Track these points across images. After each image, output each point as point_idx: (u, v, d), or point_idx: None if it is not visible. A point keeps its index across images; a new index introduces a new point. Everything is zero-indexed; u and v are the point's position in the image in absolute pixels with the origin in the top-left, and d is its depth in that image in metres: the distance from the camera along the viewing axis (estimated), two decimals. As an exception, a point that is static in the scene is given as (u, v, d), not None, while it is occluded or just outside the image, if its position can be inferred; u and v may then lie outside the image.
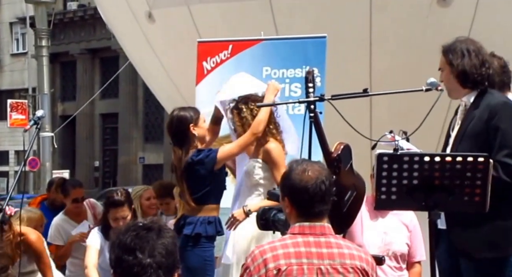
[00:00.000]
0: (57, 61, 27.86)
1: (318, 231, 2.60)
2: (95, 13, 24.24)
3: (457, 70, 3.38)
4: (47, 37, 15.28)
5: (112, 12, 7.07)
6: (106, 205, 4.58)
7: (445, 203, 3.04)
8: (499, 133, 3.28)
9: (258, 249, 2.61)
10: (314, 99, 3.46)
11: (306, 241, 2.58)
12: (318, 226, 2.60)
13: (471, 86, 3.39)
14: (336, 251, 2.58)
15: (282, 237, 2.68)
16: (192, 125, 4.18)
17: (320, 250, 2.57)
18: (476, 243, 3.31)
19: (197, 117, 4.19)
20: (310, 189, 2.59)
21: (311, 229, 2.59)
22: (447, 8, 5.25)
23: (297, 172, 2.62)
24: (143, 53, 6.72)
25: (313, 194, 2.59)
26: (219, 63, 5.16)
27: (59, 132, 20.77)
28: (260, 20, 5.58)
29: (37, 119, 3.86)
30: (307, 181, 2.59)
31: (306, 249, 2.57)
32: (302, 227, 2.60)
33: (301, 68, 4.89)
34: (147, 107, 26.35)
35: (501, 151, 3.25)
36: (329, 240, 2.60)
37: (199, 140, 4.20)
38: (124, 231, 2.17)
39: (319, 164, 2.71)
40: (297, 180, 2.61)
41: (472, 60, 3.38)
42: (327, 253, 2.57)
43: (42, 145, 14.61)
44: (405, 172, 3.01)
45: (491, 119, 3.30)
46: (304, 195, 2.59)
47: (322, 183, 2.60)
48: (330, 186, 2.63)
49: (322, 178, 2.60)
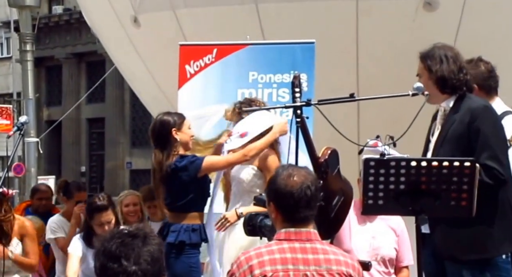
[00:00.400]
0: (42, 66, 27.72)
1: (304, 237, 2.59)
2: (80, 17, 24.11)
3: (436, 76, 3.42)
4: (31, 41, 15.18)
5: (97, 16, 7.04)
6: (89, 211, 4.54)
7: (432, 207, 3.05)
8: (480, 136, 3.31)
9: (244, 255, 2.60)
10: (301, 104, 3.46)
11: (292, 247, 2.58)
12: (304, 232, 2.60)
13: (450, 92, 3.43)
14: (322, 257, 2.58)
15: (268, 243, 2.67)
16: (174, 129, 4.16)
17: (306, 256, 2.57)
18: (461, 245, 3.33)
19: (180, 122, 4.18)
20: (295, 194, 2.58)
21: (296, 235, 2.59)
22: (433, 13, 5.28)
23: (282, 177, 2.62)
24: (129, 57, 6.69)
25: (298, 199, 2.58)
26: (203, 67, 5.14)
27: (44, 137, 20.64)
28: (247, 25, 5.58)
29: (20, 125, 3.85)
30: (292, 186, 2.59)
31: (292, 255, 2.56)
32: (288, 233, 2.60)
33: (289, 73, 4.89)
34: (134, 111, 26.27)
35: (483, 153, 3.28)
36: (315, 246, 2.60)
37: (182, 145, 4.17)
38: (109, 238, 2.15)
39: (306, 169, 2.71)
40: (282, 185, 2.61)
41: (450, 66, 3.42)
42: (313, 259, 2.57)
43: (27, 150, 14.49)
44: (392, 177, 3.02)
45: (472, 122, 3.33)
46: (289, 200, 2.59)
47: (307, 188, 2.59)
48: (316, 191, 2.62)
49: (307, 183, 2.60)
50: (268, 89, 5.00)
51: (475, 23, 5.33)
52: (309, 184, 2.60)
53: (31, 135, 14.31)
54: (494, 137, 3.34)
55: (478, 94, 3.78)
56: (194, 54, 5.19)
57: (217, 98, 5.12)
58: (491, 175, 3.26)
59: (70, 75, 27.43)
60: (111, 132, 26.48)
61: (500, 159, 3.32)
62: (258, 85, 5.04)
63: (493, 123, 3.37)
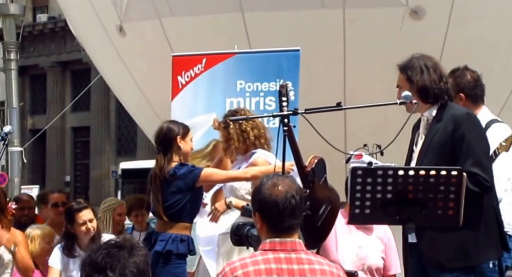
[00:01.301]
0: (27, 74, 27.56)
1: (289, 247, 2.59)
2: (65, 25, 24.01)
3: (418, 86, 3.43)
4: (16, 50, 15.06)
5: (82, 25, 7.00)
6: (68, 214, 4.46)
7: (419, 216, 3.04)
8: (464, 143, 3.32)
9: (229, 266, 2.59)
10: (288, 113, 3.45)
11: (277, 257, 2.57)
12: (288, 242, 2.59)
13: (432, 101, 3.44)
14: (307, 267, 2.57)
15: (253, 253, 2.66)
16: (179, 137, 4.20)
17: (291, 267, 2.56)
18: (447, 253, 3.33)
19: (185, 132, 4.24)
20: (279, 204, 2.58)
21: (281, 245, 2.59)
22: (420, 21, 5.30)
23: (267, 186, 2.62)
24: (114, 66, 6.66)
25: (282, 209, 2.58)
26: (193, 77, 5.15)
27: (28, 147, 20.49)
28: (233, 33, 5.58)
29: (4, 135, 3.82)
30: (277, 196, 2.59)
31: (277, 265, 2.55)
32: (273, 243, 2.59)
33: (275, 82, 4.89)
34: (119, 120, 26.17)
35: (467, 160, 3.29)
36: (300, 256, 2.59)
37: (183, 155, 4.21)
38: (96, 249, 2.14)
39: (290, 178, 2.71)
40: (266, 194, 2.60)
41: (431, 76, 3.43)
42: (298, 269, 2.56)
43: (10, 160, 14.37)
44: (379, 186, 3.01)
45: (456, 129, 3.35)
46: (273, 210, 2.58)
47: (292, 198, 2.59)
48: (300, 200, 2.62)
49: (292, 193, 2.60)
50: (256, 97, 5.00)
51: (461, 31, 5.36)
52: (294, 193, 2.60)
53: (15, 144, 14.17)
54: (478, 144, 3.35)
55: (465, 103, 3.80)
56: (185, 65, 5.20)
57: (206, 107, 5.12)
58: (476, 181, 3.27)
59: (55, 83, 27.30)
60: (96, 141, 26.35)
61: (485, 166, 3.33)
62: (246, 94, 5.04)
63: (476, 130, 3.38)
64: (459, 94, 3.77)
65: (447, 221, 3.07)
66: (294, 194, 2.60)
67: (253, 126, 4.22)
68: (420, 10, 5.29)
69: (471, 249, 3.32)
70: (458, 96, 3.80)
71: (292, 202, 2.58)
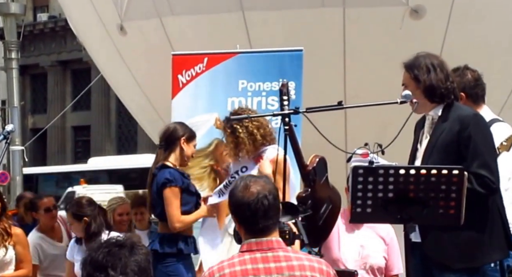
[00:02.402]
0: (27, 74, 27.59)
1: (265, 246, 2.59)
2: (66, 25, 24.05)
3: (424, 85, 3.41)
4: (16, 49, 15.09)
5: (82, 24, 7.00)
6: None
7: (420, 216, 3.04)
8: (471, 144, 3.31)
9: (208, 271, 2.62)
10: (289, 112, 3.45)
11: (253, 257, 2.57)
12: (264, 241, 2.59)
13: (439, 100, 3.43)
14: (285, 264, 2.57)
15: (231, 256, 2.67)
16: (184, 139, 4.24)
17: (268, 265, 2.56)
18: (451, 254, 3.33)
19: (191, 136, 4.29)
20: (251, 205, 2.58)
21: (257, 245, 2.59)
22: (420, 20, 5.30)
23: (239, 189, 2.62)
24: (115, 65, 6.66)
25: (255, 210, 2.58)
26: (194, 76, 5.14)
27: (29, 146, 20.51)
28: (233, 33, 5.58)
29: (6, 133, 3.82)
30: (249, 197, 2.59)
31: (253, 265, 2.56)
32: (249, 244, 2.60)
33: (278, 81, 4.89)
34: (120, 119, 26.20)
35: (474, 162, 3.28)
36: (277, 254, 2.59)
37: (181, 158, 4.25)
38: (96, 248, 2.14)
39: (264, 179, 2.70)
40: (239, 196, 2.61)
41: (438, 75, 3.42)
42: (275, 267, 2.56)
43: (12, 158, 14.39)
44: (380, 185, 3.01)
45: (463, 130, 3.33)
46: (246, 212, 2.59)
47: (264, 198, 2.58)
48: (274, 200, 2.61)
49: (264, 193, 2.59)
50: (258, 97, 5.00)
51: (461, 30, 5.36)
52: (266, 193, 2.59)
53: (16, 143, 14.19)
54: (484, 145, 3.34)
55: (466, 102, 3.79)
56: (185, 63, 5.20)
57: (207, 107, 5.12)
58: (483, 183, 3.26)
59: (55, 82, 27.32)
60: (97, 140, 26.38)
61: (491, 167, 3.32)
62: (248, 93, 5.04)
63: (483, 132, 3.37)
64: (460, 94, 3.77)
65: (448, 220, 3.07)
66: (267, 194, 2.59)
67: (258, 126, 4.22)
68: (421, 9, 5.29)
69: (475, 250, 3.31)
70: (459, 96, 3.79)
71: (265, 203, 2.58)
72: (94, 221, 4.54)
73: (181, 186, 4.15)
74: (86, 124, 26.77)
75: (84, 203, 4.64)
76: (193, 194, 4.26)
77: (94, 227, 4.52)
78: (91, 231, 4.52)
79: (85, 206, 4.60)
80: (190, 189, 4.24)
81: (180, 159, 4.24)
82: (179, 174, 4.19)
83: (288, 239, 3.04)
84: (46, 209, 5.35)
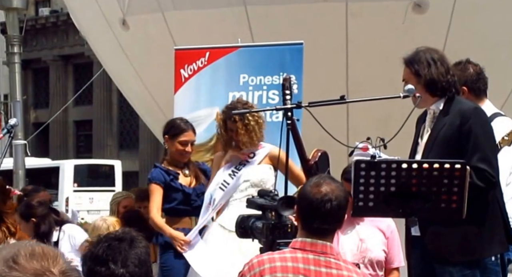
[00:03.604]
0: (29, 68, 27.55)
1: (319, 249, 2.58)
2: (68, 19, 24.03)
3: (425, 80, 3.41)
4: (19, 43, 15.06)
5: (85, 18, 7.00)
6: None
7: (422, 210, 3.04)
8: (471, 138, 3.31)
9: (257, 259, 2.61)
10: (291, 106, 3.45)
11: (306, 258, 2.57)
12: (320, 244, 2.59)
13: (440, 94, 3.43)
14: (335, 272, 2.57)
15: (282, 250, 2.68)
16: (166, 136, 4.26)
17: (319, 269, 2.56)
18: (451, 247, 3.33)
19: (174, 134, 4.25)
20: (313, 203, 2.58)
21: (312, 246, 2.58)
22: (423, 15, 5.29)
23: (311, 184, 2.64)
24: (117, 59, 6.66)
25: (316, 209, 2.58)
26: (196, 70, 5.14)
27: (32, 140, 20.51)
28: (236, 27, 5.57)
29: (10, 127, 3.82)
30: (314, 194, 2.60)
31: (305, 265, 2.56)
32: (303, 242, 2.60)
33: (278, 75, 4.88)
34: (121, 113, 26.17)
35: (474, 156, 3.29)
36: (329, 260, 2.58)
37: (171, 156, 4.29)
38: (96, 243, 2.16)
39: (339, 184, 2.69)
40: (307, 190, 2.63)
41: (438, 68, 3.41)
42: (326, 273, 2.56)
43: (14, 153, 14.39)
44: (383, 179, 3.01)
45: (463, 124, 3.33)
46: (307, 207, 2.60)
47: (328, 201, 2.58)
48: (338, 207, 2.58)
49: (330, 197, 2.58)
50: (259, 91, 4.99)
51: (464, 25, 5.35)
52: (332, 198, 2.58)
53: (19, 137, 14.19)
54: (485, 139, 3.34)
55: (468, 96, 3.79)
56: (187, 58, 5.18)
57: (209, 101, 5.11)
58: (482, 177, 3.26)
59: (57, 77, 27.29)
60: (99, 134, 26.37)
61: (491, 161, 3.33)
62: (249, 87, 5.03)
63: (483, 125, 3.37)
64: (462, 88, 3.77)
65: (450, 214, 3.08)
66: (333, 198, 2.58)
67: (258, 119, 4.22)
68: (424, 3, 5.28)
69: (475, 243, 3.32)
70: (461, 90, 3.79)
71: (327, 206, 2.57)
72: (43, 222, 4.52)
73: (160, 183, 4.22)
74: (88, 118, 26.76)
75: (34, 204, 4.65)
76: (178, 190, 4.26)
77: (44, 228, 4.52)
78: (41, 232, 4.52)
79: (34, 207, 4.61)
80: (173, 185, 4.25)
81: (170, 156, 4.29)
82: (161, 172, 4.27)
83: (290, 233, 3.05)
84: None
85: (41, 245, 1.32)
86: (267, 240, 3.08)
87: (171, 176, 4.26)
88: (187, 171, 4.33)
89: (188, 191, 4.27)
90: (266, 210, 3.17)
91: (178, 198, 4.25)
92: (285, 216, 3.11)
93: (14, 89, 14.89)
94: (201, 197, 4.28)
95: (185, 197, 4.26)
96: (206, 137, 4.93)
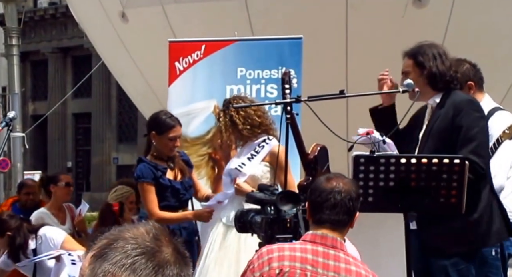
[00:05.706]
0: (28, 60, 27.48)
1: (329, 242, 2.60)
2: (66, 11, 23.96)
3: (430, 72, 3.41)
4: (17, 35, 15.04)
5: (84, 11, 6.97)
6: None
7: (421, 204, 3.05)
8: (463, 130, 3.32)
9: (266, 248, 2.64)
10: (291, 100, 3.44)
11: (315, 249, 2.59)
12: (330, 237, 2.61)
13: (442, 88, 3.42)
14: (343, 266, 2.58)
15: (293, 242, 2.72)
16: (153, 133, 4.21)
17: (327, 262, 2.58)
18: (447, 239, 3.34)
19: (161, 131, 4.18)
20: (323, 193, 2.62)
21: (322, 239, 2.61)
22: (423, 9, 5.27)
23: (323, 177, 2.71)
24: (116, 52, 6.64)
25: (325, 199, 2.61)
26: (191, 63, 5.10)
27: (30, 133, 20.49)
28: (236, 21, 5.55)
29: (8, 120, 3.81)
30: (325, 186, 2.64)
31: (313, 257, 2.58)
32: (314, 235, 2.62)
33: (277, 69, 4.86)
34: (120, 106, 26.13)
35: (464, 147, 3.29)
36: (338, 254, 2.60)
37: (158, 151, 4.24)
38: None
39: (351, 180, 2.74)
40: (318, 183, 2.69)
41: (444, 63, 3.44)
42: (334, 265, 2.58)
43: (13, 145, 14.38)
44: (382, 173, 3.02)
45: (456, 116, 3.35)
46: (317, 198, 2.64)
47: (338, 193, 2.62)
48: (348, 201, 2.61)
49: (340, 189, 2.62)
50: (256, 85, 4.97)
51: (464, 19, 5.34)
52: (342, 190, 2.62)
53: (17, 130, 14.19)
54: (476, 131, 3.35)
55: (475, 91, 3.79)
56: (183, 51, 5.15)
57: (206, 94, 5.09)
58: (471, 169, 3.26)
59: (56, 69, 27.22)
60: (98, 127, 26.33)
61: (481, 153, 3.33)
62: (247, 81, 5.01)
63: (475, 117, 3.38)
64: (468, 83, 3.77)
65: (449, 209, 3.08)
66: (342, 191, 2.62)
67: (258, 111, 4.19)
68: (424, -3, 5.26)
69: (470, 234, 3.33)
70: (467, 86, 3.77)
71: (336, 197, 2.61)
72: (18, 234, 4.46)
73: (151, 181, 4.17)
74: (86, 111, 26.71)
75: (5, 218, 4.55)
76: (167, 186, 4.22)
77: (19, 240, 4.45)
78: (17, 244, 4.44)
79: (7, 221, 4.51)
80: (163, 182, 4.21)
81: (157, 150, 4.24)
82: (149, 167, 4.20)
83: (289, 228, 3.05)
84: (67, 183, 5.39)
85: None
86: (266, 235, 3.08)
87: (160, 171, 4.22)
88: (172, 164, 4.28)
89: (176, 186, 4.24)
90: (265, 205, 3.17)
91: (168, 194, 4.22)
92: (284, 210, 3.10)
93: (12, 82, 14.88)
94: (189, 190, 4.27)
95: (174, 192, 4.24)
96: (204, 130, 4.91)
